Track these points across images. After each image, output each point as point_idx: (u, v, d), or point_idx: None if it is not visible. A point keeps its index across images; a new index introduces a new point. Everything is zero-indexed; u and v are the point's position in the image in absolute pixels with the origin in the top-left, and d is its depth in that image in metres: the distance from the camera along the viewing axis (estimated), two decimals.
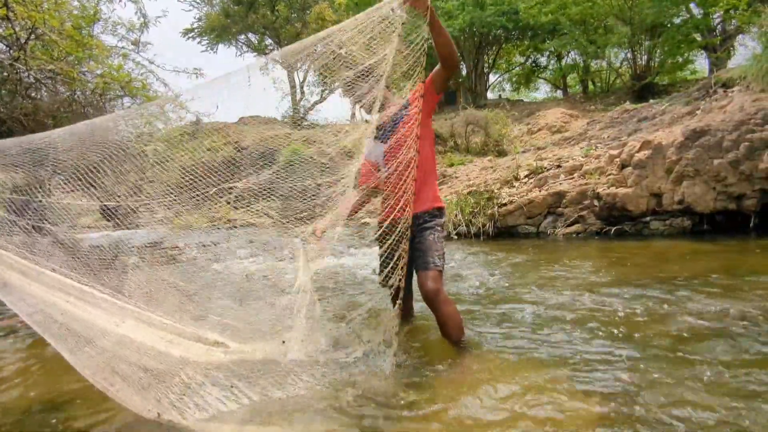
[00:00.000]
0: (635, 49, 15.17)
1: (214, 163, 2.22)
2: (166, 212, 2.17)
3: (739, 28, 14.09)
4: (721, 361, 2.04)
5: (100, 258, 2.11)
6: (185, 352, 1.87)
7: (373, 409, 1.78)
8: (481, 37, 21.27)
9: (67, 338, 1.75)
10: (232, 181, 2.10)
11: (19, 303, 1.82)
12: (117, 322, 1.86)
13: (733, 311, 2.68)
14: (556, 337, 2.48)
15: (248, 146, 3.82)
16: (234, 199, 2.12)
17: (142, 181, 2.12)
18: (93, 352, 1.76)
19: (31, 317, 1.78)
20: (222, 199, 2.09)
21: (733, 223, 5.22)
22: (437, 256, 2.37)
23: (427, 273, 2.32)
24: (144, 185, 2.15)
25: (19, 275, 1.85)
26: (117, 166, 2.06)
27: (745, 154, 4.89)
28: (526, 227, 6.29)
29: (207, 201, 2.11)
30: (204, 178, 2.08)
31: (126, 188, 2.15)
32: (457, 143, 13.50)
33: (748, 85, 6.10)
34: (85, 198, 2.14)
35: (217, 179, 2.12)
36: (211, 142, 2.65)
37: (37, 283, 1.86)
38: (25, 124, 5.48)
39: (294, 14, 20.43)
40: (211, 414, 1.73)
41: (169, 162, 2.14)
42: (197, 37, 22.33)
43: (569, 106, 16.40)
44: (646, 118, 8.51)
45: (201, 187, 2.08)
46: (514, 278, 3.94)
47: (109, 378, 1.70)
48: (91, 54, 5.58)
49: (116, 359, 1.77)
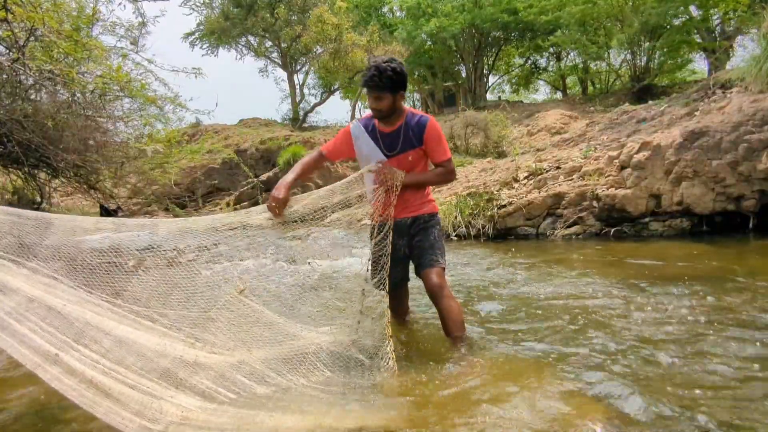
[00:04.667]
0: (635, 50, 15.21)
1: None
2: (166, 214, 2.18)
3: (739, 30, 14.13)
4: (722, 362, 2.04)
5: (100, 260, 2.10)
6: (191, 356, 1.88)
7: (365, 405, 1.78)
8: (481, 38, 21.33)
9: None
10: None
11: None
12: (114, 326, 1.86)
13: (731, 312, 2.68)
14: (554, 338, 2.48)
15: (248, 148, 3.81)
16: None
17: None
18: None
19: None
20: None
21: (732, 224, 5.22)
22: (440, 253, 2.44)
23: (432, 269, 2.38)
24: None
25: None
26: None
27: (743, 155, 4.89)
28: (526, 228, 6.29)
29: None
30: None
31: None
32: (456, 145, 13.52)
33: (747, 86, 6.11)
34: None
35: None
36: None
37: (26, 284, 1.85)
38: (25, 126, 5.49)
39: (294, 17, 20.43)
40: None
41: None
42: (198, 41, 22.38)
43: (569, 108, 16.43)
44: (645, 119, 8.52)
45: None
46: (512, 279, 3.94)
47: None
48: (90, 54, 5.58)
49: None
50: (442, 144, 2.42)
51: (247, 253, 2.42)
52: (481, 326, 2.76)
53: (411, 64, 21.38)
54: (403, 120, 2.40)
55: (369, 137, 2.46)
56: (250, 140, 16.59)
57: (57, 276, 2.04)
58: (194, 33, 22.29)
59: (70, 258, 2.06)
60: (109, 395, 1.58)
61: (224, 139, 17.48)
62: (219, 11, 21.23)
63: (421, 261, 2.44)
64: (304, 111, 21.83)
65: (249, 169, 15.02)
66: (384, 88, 2.27)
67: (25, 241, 2.12)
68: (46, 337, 1.77)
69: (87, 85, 5.47)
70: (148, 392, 1.64)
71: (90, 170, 6.94)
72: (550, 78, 24.91)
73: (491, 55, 23.45)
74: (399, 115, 2.40)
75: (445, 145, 2.44)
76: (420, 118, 2.41)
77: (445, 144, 2.45)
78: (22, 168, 6.75)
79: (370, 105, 2.38)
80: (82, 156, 6.31)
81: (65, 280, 2.03)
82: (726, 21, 15.01)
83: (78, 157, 6.22)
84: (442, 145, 2.42)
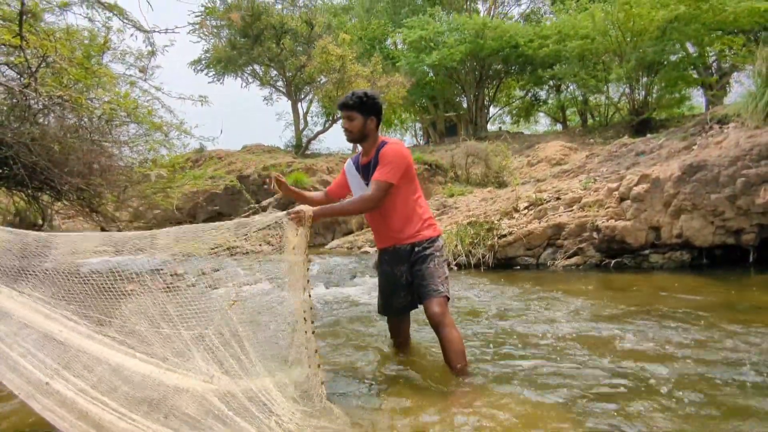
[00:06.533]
0: (633, 84, 15.50)
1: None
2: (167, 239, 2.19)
3: (735, 66, 14.44)
4: (722, 399, 2.02)
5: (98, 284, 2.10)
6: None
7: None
8: (482, 70, 21.75)
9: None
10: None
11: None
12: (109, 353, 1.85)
13: (730, 346, 2.66)
14: (552, 370, 2.46)
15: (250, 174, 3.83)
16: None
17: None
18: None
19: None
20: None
21: (733, 257, 5.22)
22: (440, 282, 2.41)
23: (432, 300, 2.36)
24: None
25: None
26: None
27: (741, 189, 4.93)
28: (526, 258, 6.29)
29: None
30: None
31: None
32: (457, 174, 13.63)
33: (744, 121, 6.20)
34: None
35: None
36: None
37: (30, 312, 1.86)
38: (32, 149, 5.56)
39: (299, 47, 20.91)
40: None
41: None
42: (204, 69, 22.84)
43: (568, 139, 16.62)
44: (644, 152, 8.61)
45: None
46: (512, 309, 3.92)
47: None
48: (100, 81, 5.71)
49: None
50: (387, 165, 2.35)
51: (249, 278, 2.41)
52: (479, 357, 2.73)
53: (413, 94, 21.73)
54: (376, 148, 2.48)
55: (355, 170, 2.58)
56: (253, 166, 16.73)
57: (52, 300, 2.04)
58: (201, 61, 22.76)
59: (66, 282, 2.07)
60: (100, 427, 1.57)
61: (227, 165, 17.62)
62: (226, 40, 21.74)
63: (422, 291, 2.43)
64: (307, 138, 22.08)
65: (251, 195, 15.09)
66: (353, 108, 2.41)
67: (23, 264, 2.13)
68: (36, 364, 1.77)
69: (95, 111, 5.58)
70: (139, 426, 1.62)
71: (93, 194, 6.99)
72: (550, 110, 25.29)
73: (492, 87, 23.88)
74: (373, 143, 2.49)
75: (390, 167, 2.35)
76: (384, 143, 2.46)
77: (392, 167, 2.35)
78: (26, 190, 6.80)
79: (342, 126, 2.50)
80: (86, 179, 6.37)
81: (61, 305, 2.03)
82: (722, 58, 15.35)
83: (82, 180, 6.27)
84: (386, 166, 2.35)
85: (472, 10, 24.58)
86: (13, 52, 5.11)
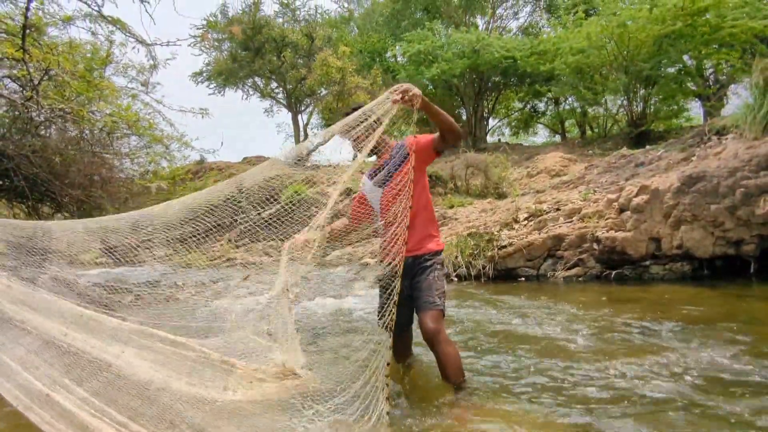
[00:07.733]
0: (631, 97, 15.58)
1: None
2: (167, 250, 2.19)
3: (732, 78, 14.53)
4: (724, 409, 2.00)
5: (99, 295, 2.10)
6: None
7: None
8: (481, 83, 21.90)
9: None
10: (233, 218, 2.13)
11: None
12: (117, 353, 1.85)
13: (729, 357, 2.64)
14: (553, 384, 2.44)
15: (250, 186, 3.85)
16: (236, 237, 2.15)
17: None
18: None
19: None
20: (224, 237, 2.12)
21: (734, 268, 5.20)
22: (437, 295, 2.37)
23: (427, 313, 2.31)
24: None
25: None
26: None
27: (741, 200, 4.93)
28: (526, 270, 6.27)
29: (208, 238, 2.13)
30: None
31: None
32: (457, 185, 13.64)
33: (742, 133, 6.23)
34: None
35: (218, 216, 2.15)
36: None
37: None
38: (33, 161, 5.58)
39: (300, 60, 21.10)
40: None
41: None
42: (205, 81, 23.01)
43: (567, 151, 16.66)
44: (643, 163, 8.64)
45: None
46: (512, 322, 3.90)
47: None
48: (102, 94, 5.75)
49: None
50: (422, 136, 2.49)
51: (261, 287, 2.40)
52: (478, 371, 2.71)
53: None
54: (394, 146, 2.54)
55: (369, 181, 2.60)
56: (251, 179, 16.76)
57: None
58: (202, 73, 22.93)
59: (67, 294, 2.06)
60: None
61: (227, 177, 17.65)
62: (227, 53, 21.94)
63: (418, 303, 2.39)
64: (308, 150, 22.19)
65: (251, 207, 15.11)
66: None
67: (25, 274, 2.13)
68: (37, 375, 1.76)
69: (96, 123, 5.61)
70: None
71: (93, 205, 7.01)
72: (549, 122, 25.40)
73: (491, 99, 24.00)
74: (387, 147, 2.56)
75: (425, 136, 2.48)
76: (400, 142, 2.54)
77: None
78: (26, 202, 6.81)
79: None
80: (86, 191, 6.38)
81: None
82: (719, 71, 15.45)
83: (82, 192, 6.29)
84: (424, 135, 2.49)
85: (470, 24, 24.81)
86: (16, 65, 5.15)
